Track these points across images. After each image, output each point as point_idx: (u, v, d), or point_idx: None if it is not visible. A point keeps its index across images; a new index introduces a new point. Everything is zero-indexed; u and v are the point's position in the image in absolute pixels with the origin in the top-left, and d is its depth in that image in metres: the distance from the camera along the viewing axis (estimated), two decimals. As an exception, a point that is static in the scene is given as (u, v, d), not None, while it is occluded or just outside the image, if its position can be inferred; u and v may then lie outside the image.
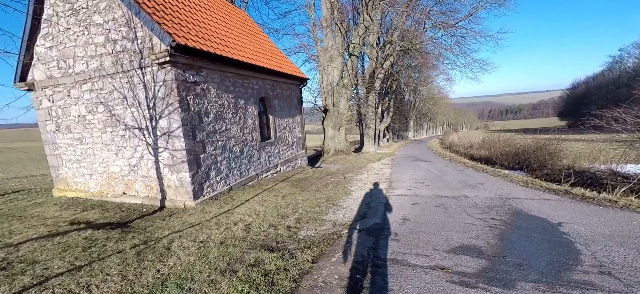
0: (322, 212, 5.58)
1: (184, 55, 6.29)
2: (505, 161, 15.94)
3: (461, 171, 11.57)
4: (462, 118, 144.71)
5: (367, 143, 23.96)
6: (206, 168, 7.19)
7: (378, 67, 23.41)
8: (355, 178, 9.98)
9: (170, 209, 6.79)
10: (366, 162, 15.14)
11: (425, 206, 5.96)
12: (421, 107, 65.51)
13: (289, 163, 11.70)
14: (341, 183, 8.89)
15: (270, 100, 10.35)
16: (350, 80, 16.13)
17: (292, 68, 11.99)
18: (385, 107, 33.91)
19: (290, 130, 11.93)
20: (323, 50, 16.37)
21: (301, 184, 8.83)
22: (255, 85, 9.40)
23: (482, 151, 22.51)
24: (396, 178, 9.83)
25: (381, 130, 31.78)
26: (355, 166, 13.37)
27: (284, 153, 11.37)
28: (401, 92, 46.51)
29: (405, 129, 59.02)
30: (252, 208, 6.22)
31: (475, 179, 9.48)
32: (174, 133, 6.53)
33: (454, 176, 10.17)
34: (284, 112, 11.44)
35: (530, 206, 5.84)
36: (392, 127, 44.71)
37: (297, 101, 12.53)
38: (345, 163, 14.33)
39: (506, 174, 11.03)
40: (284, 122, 11.44)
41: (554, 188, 7.90)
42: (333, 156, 15.83)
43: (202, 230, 4.81)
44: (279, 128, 11.04)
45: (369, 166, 13.30)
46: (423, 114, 73.76)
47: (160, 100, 6.50)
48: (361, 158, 16.19)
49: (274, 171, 10.48)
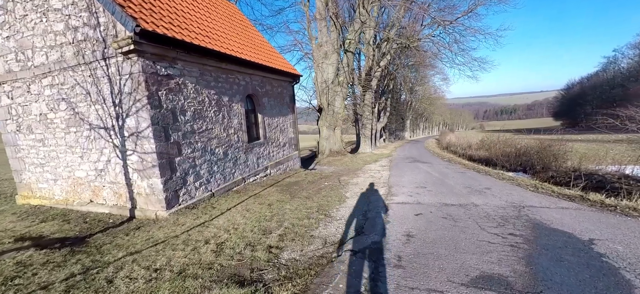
0: (312, 226, 4.76)
1: (153, 44, 5.43)
2: (507, 163, 15.25)
3: (463, 173, 10.83)
4: (458, 118, 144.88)
5: (363, 143, 23.20)
6: (182, 172, 6.33)
7: (375, 65, 22.68)
8: (351, 182, 9.17)
9: (140, 220, 5.92)
10: (362, 164, 14.35)
11: (431, 217, 5.16)
12: (418, 107, 65.01)
13: (280, 165, 10.87)
14: (335, 188, 8.08)
15: (259, 97, 9.50)
16: (346, 78, 15.36)
17: (283, 64, 11.15)
18: (382, 107, 33.19)
19: (282, 130, 11.10)
20: (317, 46, 15.57)
21: (291, 189, 8.00)
22: (241, 81, 8.55)
23: (481, 152, 21.86)
24: (395, 182, 9.04)
25: (378, 130, 31.06)
26: (351, 169, 12.58)
27: (274, 155, 10.53)
28: (398, 91, 45.93)
29: (402, 129, 58.44)
30: (231, 219, 5.38)
31: (480, 183, 8.73)
32: (143, 133, 5.67)
33: (456, 179, 9.40)
34: (275, 110, 10.60)
35: (550, 217, 5.08)
36: (389, 127, 44.04)
37: (289, 99, 11.70)
38: (341, 165, 13.54)
39: (511, 177, 10.31)
40: (275, 121, 10.60)
41: (568, 194, 7.16)
42: (328, 158, 15.05)
43: (165, 250, 3.97)
44: (269, 128, 10.20)
45: (366, 169, 12.51)
46: (419, 114, 73.32)
47: (127, 95, 5.63)
48: (357, 160, 15.40)
49: (263, 174, 9.63)
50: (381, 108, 33.11)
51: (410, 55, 32.61)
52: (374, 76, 22.32)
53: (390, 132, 45.41)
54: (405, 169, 12.36)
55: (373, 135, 28.50)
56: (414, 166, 13.50)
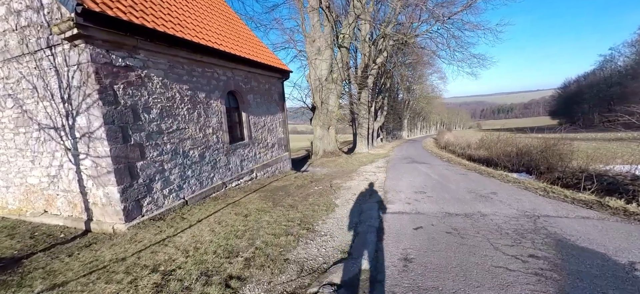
0: (289, 245, 3.92)
1: (104, 28, 4.56)
2: (508, 163, 14.47)
3: (465, 175, 10.03)
4: (455, 117, 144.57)
5: (359, 143, 22.39)
6: (147, 179, 5.47)
7: (371, 62, 21.86)
8: (343, 186, 8.34)
9: (95, 234, 5.07)
10: (358, 165, 13.53)
11: (433, 232, 4.34)
12: (415, 106, 64.37)
13: (268, 167, 10.02)
14: (325, 194, 7.24)
15: (242, 94, 8.65)
16: (340, 75, 14.55)
17: (271, 58, 10.30)
18: (379, 106, 32.40)
19: (270, 130, 10.25)
20: (310, 41, 14.73)
21: (276, 195, 7.15)
22: (221, 76, 7.69)
23: (480, 152, 21.10)
24: (392, 187, 8.22)
25: (375, 130, 30.28)
26: (345, 170, 11.75)
27: (261, 157, 9.68)
28: (395, 90, 45.22)
29: (400, 128, 57.74)
30: (197, 235, 4.53)
31: (484, 186, 7.93)
32: (95, 134, 4.81)
33: (458, 182, 8.60)
34: (262, 108, 9.75)
35: (572, 231, 4.27)
36: (386, 127, 43.28)
37: (278, 96, 10.86)
38: (334, 167, 12.71)
39: (516, 179, 9.52)
40: (262, 120, 9.75)
41: (583, 199, 6.37)
42: (322, 159, 14.24)
43: (97, 282, 3.12)
44: (255, 128, 9.35)
45: (361, 170, 11.69)
46: (417, 113, 72.71)
47: (76, 90, 4.77)
48: (353, 160, 14.58)
49: (248, 178, 8.79)
50: (378, 107, 32.32)
51: (408, 53, 31.86)
52: (370, 74, 21.52)
53: (387, 132, 44.66)
54: (403, 171, 11.55)
55: (370, 135, 27.72)
56: (412, 167, 12.70)
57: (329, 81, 14.62)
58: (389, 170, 11.69)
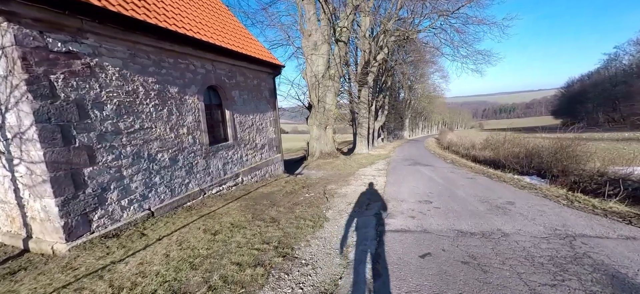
0: (254, 282, 2.96)
1: (35, 4, 3.64)
2: (516, 165, 13.47)
3: (473, 179, 9.04)
4: (457, 117, 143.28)
5: (359, 143, 21.41)
6: (98, 188, 4.54)
7: (371, 59, 20.88)
8: (338, 193, 7.39)
9: (32, 255, 4.15)
10: (356, 167, 12.57)
11: (445, 262, 3.37)
12: (417, 106, 63.29)
13: (256, 171, 9.08)
14: (316, 203, 6.29)
15: (226, 90, 7.70)
16: (338, 71, 13.60)
17: (260, 51, 9.35)
18: (379, 105, 31.40)
19: (259, 130, 9.31)
20: (306, 35, 13.77)
21: (259, 205, 6.20)
22: (199, 69, 6.75)
23: (486, 153, 20.07)
24: (392, 194, 7.25)
25: (375, 130, 29.29)
26: (342, 174, 10.79)
27: (249, 159, 8.74)
28: (396, 89, 44.19)
29: (401, 128, 56.71)
30: (147, 261, 3.59)
31: (497, 194, 6.94)
32: (26, 134, 3.88)
33: (467, 188, 7.62)
34: (250, 106, 8.80)
35: (623, 259, 3.30)
36: (387, 126, 42.26)
37: (269, 93, 9.91)
38: (331, 169, 11.76)
39: (530, 184, 8.53)
40: (249, 119, 8.80)
41: (617, 211, 5.40)
42: (318, 160, 13.30)
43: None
44: (241, 127, 8.41)
45: (359, 174, 10.73)
46: (418, 113, 71.60)
47: (2, 79, 3.85)
48: (351, 162, 13.62)
49: (232, 183, 7.85)
50: (379, 106, 31.33)
51: (410, 51, 30.87)
52: (370, 71, 20.53)
53: (388, 131, 43.66)
54: (405, 174, 10.58)
55: (370, 135, 26.75)
56: (415, 170, 11.71)
57: (325, 78, 13.67)
58: (389, 173, 10.72)
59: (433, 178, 9.62)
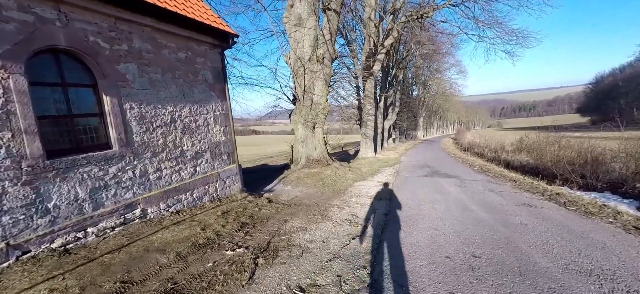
0: None
1: None
2: (572, 175, 9.53)
3: (531, 208, 5.31)
4: (474, 116, 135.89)
5: (363, 146, 17.77)
6: None
7: (378, 45, 17.23)
8: (302, 242, 3.93)
9: None
10: (352, 180, 8.98)
11: None
12: (431, 104, 58.53)
13: (182, 194, 5.71)
14: (235, 277, 2.86)
15: (103, 60, 4.38)
16: (329, 51, 10.12)
17: (195, 7, 5.98)
18: (390, 102, 27.53)
19: (189, 130, 5.94)
20: (289, 5, 10.34)
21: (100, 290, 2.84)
22: (13, 13, 3.46)
23: (522, 157, 15.92)
24: (396, 250, 3.67)
25: (385, 129, 25.46)
26: (327, 193, 7.27)
27: (164, 177, 5.38)
28: (409, 85, 39.97)
29: (414, 128, 52.31)
30: None
31: (596, 243, 3.25)
32: None
33: (536, 233, 3.94)
34: (166, 92, 5.46)
35: None
36: (399, 126, 38.17)
37: (213, 75, 6.53)
38: (315, 184, 8.24)
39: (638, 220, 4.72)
40: (165, 112, 5.44)
41: None
42: (302, 170, 9.87)
43: None
44: (145, 126, 5.05)
45: (352, 193, 7.18)
46: (433, 112, 66.68)
47: None
48: (345, 172, 10.04)
49: (116, 221, 4.51)
50: (389, 103, 27.47)
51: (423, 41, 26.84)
52: (377, 59, 16.88)
53: (401, 131, 39.54)
54: (419, 193, 6.92)
55: (380, 135, 22.97)
56: (433, 184, 8.02)
57: (312, 61, 10.22)
58: (397, 191, 7.09)
59: (465, 203, 5.94)
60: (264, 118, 14.98)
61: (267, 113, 14.08)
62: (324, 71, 10.28)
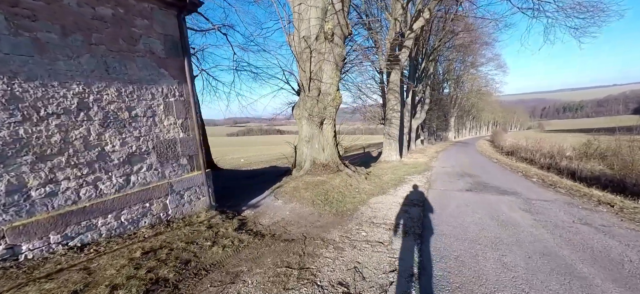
0: None
1: None
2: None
3: None
4: (511, 116, 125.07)
5: (387, 148, 15.21)
6: None
7: (405, 30, 14.59)
8: None
9: None
10: (367, 194, 6.64)
11: None
12: (464, 103, 53.55)
13: (99, 217, 3.81)
14: None
15: None
16: (341, 26, 7.84)
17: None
18: (419, 98, 24.47)
19: (121, 123, 4.02)
20: (290, -27, 8.27)
21: None
22: None
23: (591, 165, 12.47)
24: None
25: (413, 129, 22.52)
26: (328, 214, 5.02)
27: (59, 194, 3.49)
28: (439, 82, 36.11)
29: (445, 128, 48.02)
30: None
31: None
32: None
33: None
34: (72, 63, 3.57)
35: None
36: (429, 126, 34.61)
37: (164, 47, 4.59)
38: (315, 199, 6.04)
39: None
40: (69, 94, 3.55)
41: None
42: (305, 178, 7.70)
43: None
44: (29, 115, 3.20)
45: (364, 215, 4.86)
46: (466, 111, 61.25)
47: None
48: (359, 184, 7.71)
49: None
50: (418, 100, 24.41)
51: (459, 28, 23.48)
52: (404, 46, 14.28)
53: (430, 132, 35.92)
54: (468, 223, 4.41)
55: (404, 136, 20.13)
56: (484, 204, 5.42)
57: (320, 39, 8.04)
58: (432, 217, 4.64)
59: (553, 249, 3.38)
60: (279, 117, 13.08)
61: (282, 112, 12.18)
62: (334, 51, 8.02)
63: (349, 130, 23.93)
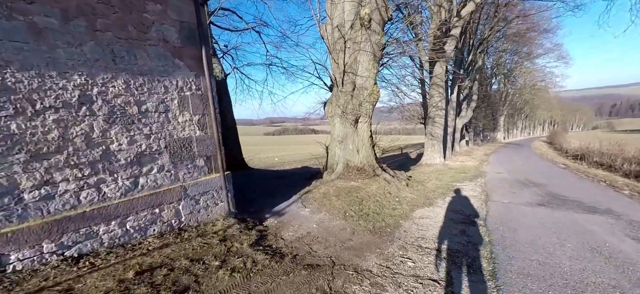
0: None
1: None
2: None
3: None
4: (572, 115, 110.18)
5: (429, 149, 13.69)
6: None
7: (451, 17, 12.97)
8: None
9: None
10: (410, 205, 5.58)
11: None
12: (515, 99, 47.96)
13: (101, 224, 3.39)
14: None
15: None
16: (378, 9, 6.80)
17: None
18: (465, 95, 22.06)
19: (129, 119, 3.57)
20: (323, -44, 7.49)
21: None
22: None
23: None
24: None
25: (457, 129, 20.33)
26: (363, 231, 4.12)
27: (56, 198, 3.10)
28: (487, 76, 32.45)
29: (493, 128, 43.50)
30: None
31: None
32: None
33: None
34: (73, 52, 3.18)
35: None
36: (475, 125, 31.40)
37: (180, 35, 4.09)
38: (347, 209, 5.17)
39: None
40: (69, 85, 3.15)
41: None
42: (337, 182, 6.84)
43: None
44: (23, 108, 2.83)
45: (408, 234, 3.86)
46: (518, 109, 54.98)
47: None
48: (399, 192, 6.64)
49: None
50: (464, 96, 22.02)
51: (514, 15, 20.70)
52: (450, 35, 12.69)
53: (475, 132, 32.61)
54: (560, 259, 3.13)
55: (449, 136, 18.15)
56: (570, 227, 3.99)
57: (356, 27, 7.11)
58: (502, 246, 3.47)
59: None
60: (313, 116, 12.42)
61: (316, 111, 11.50)
62: (371, 39, 7.04)
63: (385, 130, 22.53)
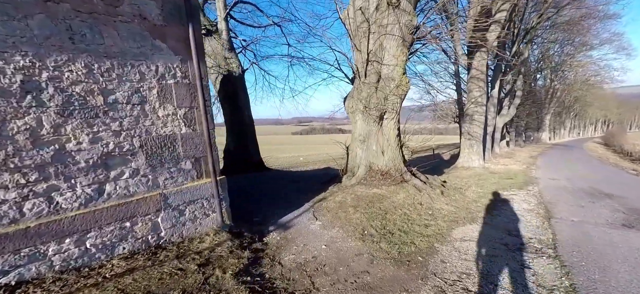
0: None
1: None
2: None
3: None
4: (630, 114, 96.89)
5: (467, 150, 12.04)
6: None
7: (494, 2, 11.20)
8: None
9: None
10: (446, 222, 4.38)
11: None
12: (564, 96, 42.64)
13: (50, 242, 2.71)
14: None
15: None
16: (409, -15, 5.64)
17: None
18: (507, 90, 19.59)
19: (92, 111, 2.89)
20: None
21: None
22: None
23: None
24: None
25: (498, 128, 18.01)
26: (385, 259, 3.07)
27: None
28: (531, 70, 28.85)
29: (537, 128, 39.13)
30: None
31: None
32: None
33: None
34: (10, 26, 2.50)
35: None
36: (517, 124, 28.18)
37: (161, 10, 3.33)
38: (367, 226, 4.13)
39: None
40: (7, 69, 2.49)
41: None
42: (357, 188, 5.78)
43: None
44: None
45: (446, 268, 2.73)
46: (566, 107, 49.02)
47: None
48: (432, 203, 5.42)
49: None
50: (506, 92, 19.55)
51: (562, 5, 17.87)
52: (493, 21, 10.98)
53: (517, 132, 29.32)
54: None
55: (488, 136, 16.03)
56: None
57: (382, 8, 5.97)
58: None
59: None
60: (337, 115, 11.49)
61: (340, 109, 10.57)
62: (400, 21, 5.86)
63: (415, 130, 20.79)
